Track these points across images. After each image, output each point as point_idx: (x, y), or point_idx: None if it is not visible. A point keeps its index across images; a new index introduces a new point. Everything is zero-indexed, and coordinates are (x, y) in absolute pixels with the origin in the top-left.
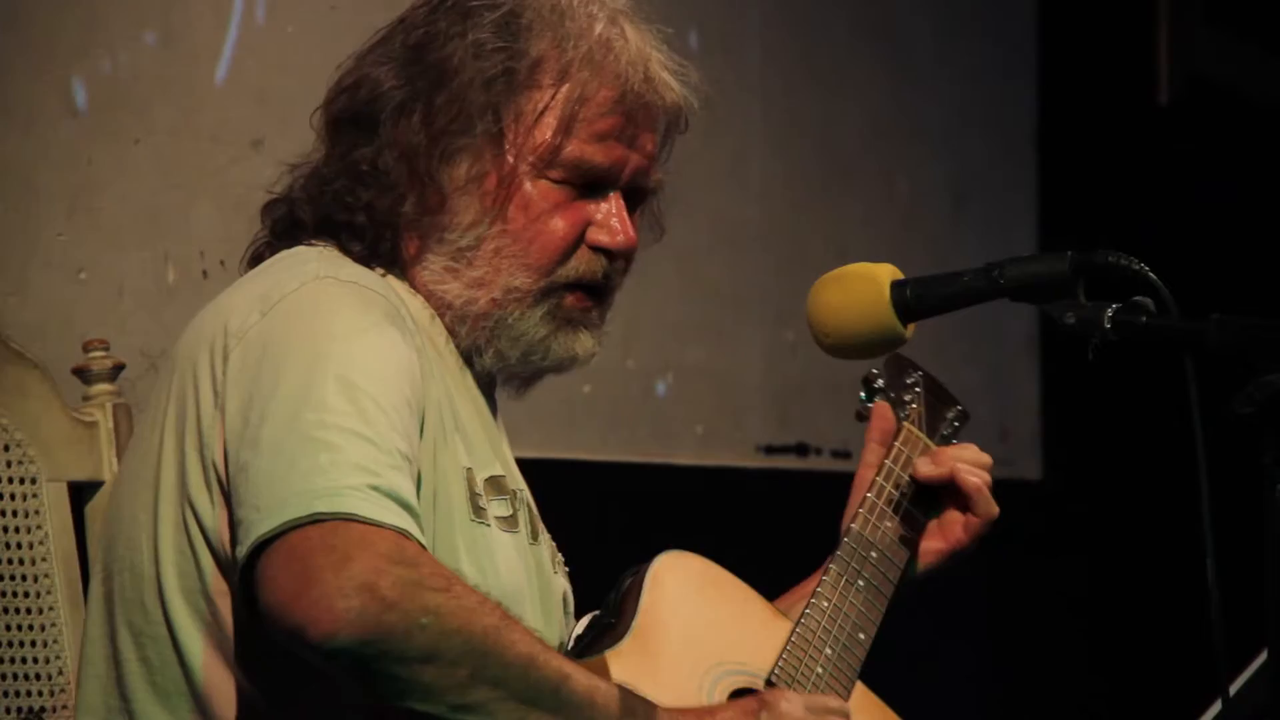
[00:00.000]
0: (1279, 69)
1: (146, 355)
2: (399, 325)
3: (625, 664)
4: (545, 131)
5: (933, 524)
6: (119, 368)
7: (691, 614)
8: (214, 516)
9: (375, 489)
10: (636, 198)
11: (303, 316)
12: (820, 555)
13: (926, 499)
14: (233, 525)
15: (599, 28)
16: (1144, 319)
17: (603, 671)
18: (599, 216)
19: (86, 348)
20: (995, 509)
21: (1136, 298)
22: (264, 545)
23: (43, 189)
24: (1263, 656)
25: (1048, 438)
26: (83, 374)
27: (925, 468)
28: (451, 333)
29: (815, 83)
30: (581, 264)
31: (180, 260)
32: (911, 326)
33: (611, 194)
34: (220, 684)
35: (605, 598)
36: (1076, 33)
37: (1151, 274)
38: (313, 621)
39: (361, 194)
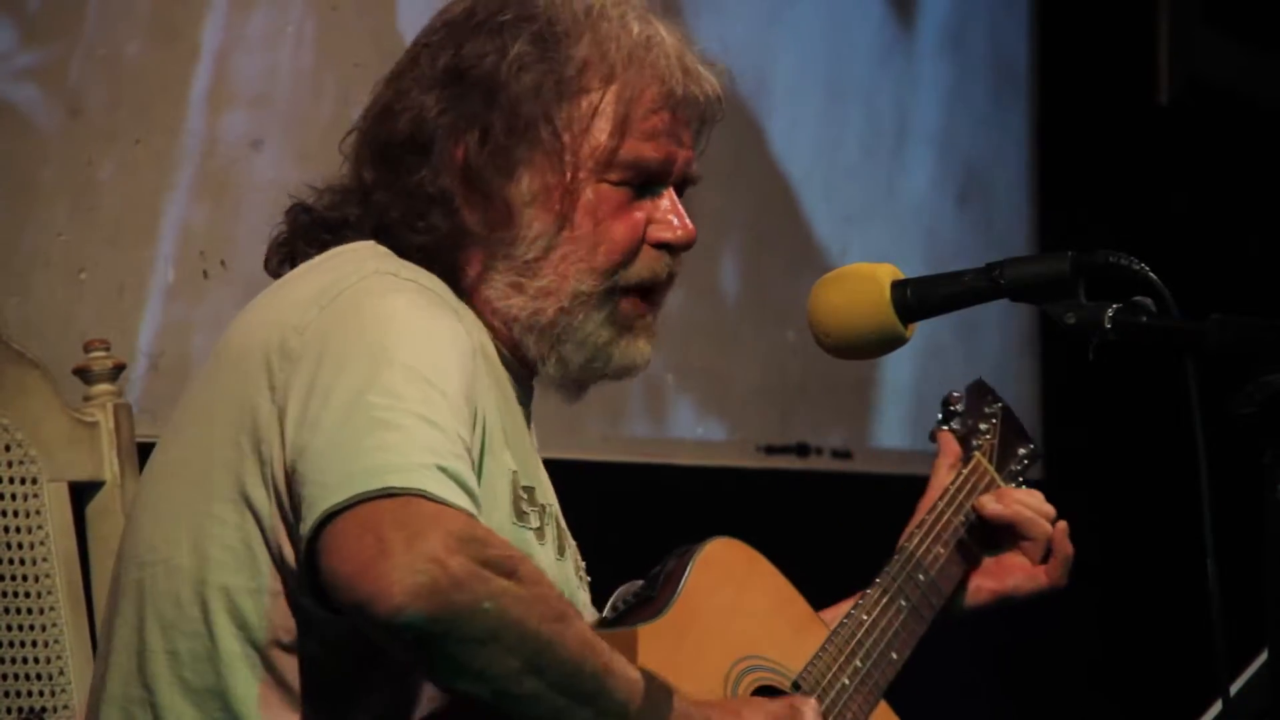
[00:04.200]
0: (1279, 69)
1: (148, 355)
2: (455, 322)
3: (657, 642)
4: (600, 134)
5: (990, 562)
6: (120, 368)
7: (730, 603)
8: (271, 514)
9: (442, 470)
10: (680, 190)
11: (364, 309)
12: (820, 557)
13: (985, 534)
14: (293, 508)
15: (635, 26)
16: (1144, 319)
17: (635, 645)
18: (657, 214)
19: (87, 348)
20: (1066, 580)
21: (1137, 298)
22: (331, 518)
23: (43, 189)
24: (1263, 656)
25: (1048, 438)
26: (83, 374)
27: (991, 505)
28: (516, 344)
29: (815, 82)
30: (645, 266)
31: (180, 260)
32: (912, 327)
33: (664, 190)
34: (263, 688)
35: (650, 570)
36: (1076, 33)
37: (1151, 274)
38: (382, 593)
39: (430, 218)
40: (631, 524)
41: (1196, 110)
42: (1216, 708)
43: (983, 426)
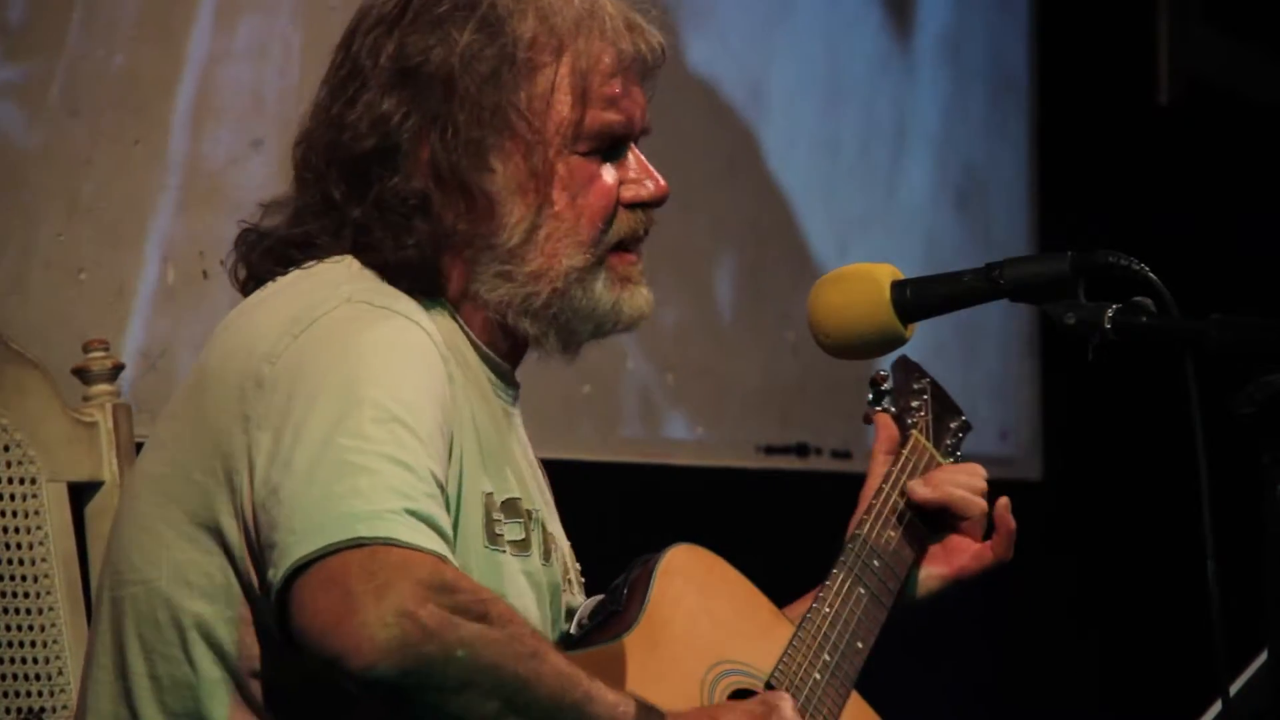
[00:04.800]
0: (1279, 69)
1: (146, 355)
2: (431, 350)
3: (630, 656)
4: (562, 109)
5: (935, 548)
6: (119, 368)
7: (697, 610)
8: (241, 544)
9: (412, 513)
10: (637, 142)
11: (337, 340)
12: (820, 556)
13: (932, 513)
14: (261, 548)
15: None
16: (1144, 319)
17: (609, 664)
18: (628, 175)
19: (86, 348)
20: (1011, 553)
21: (1136, 298)
22: (300, 570)
23: (43, 189)
24: (1263, 656)
25: (1048, 438)
26: (83, 374)
27: (920, 491)
28: (506, 337)
29: (815, 82)
30: (624, 226)
31: (180, 260)
32: (912, 327)
33: (628, 150)
34: (236, 713)
35: (612, 583)
36: (1076, 33)
37: (1151, 274)
38: (353, 650)
39: (413, 227)
40: (631, 525)
41: (1196, 110)
42: (1216, 708)
43: (914, 404)
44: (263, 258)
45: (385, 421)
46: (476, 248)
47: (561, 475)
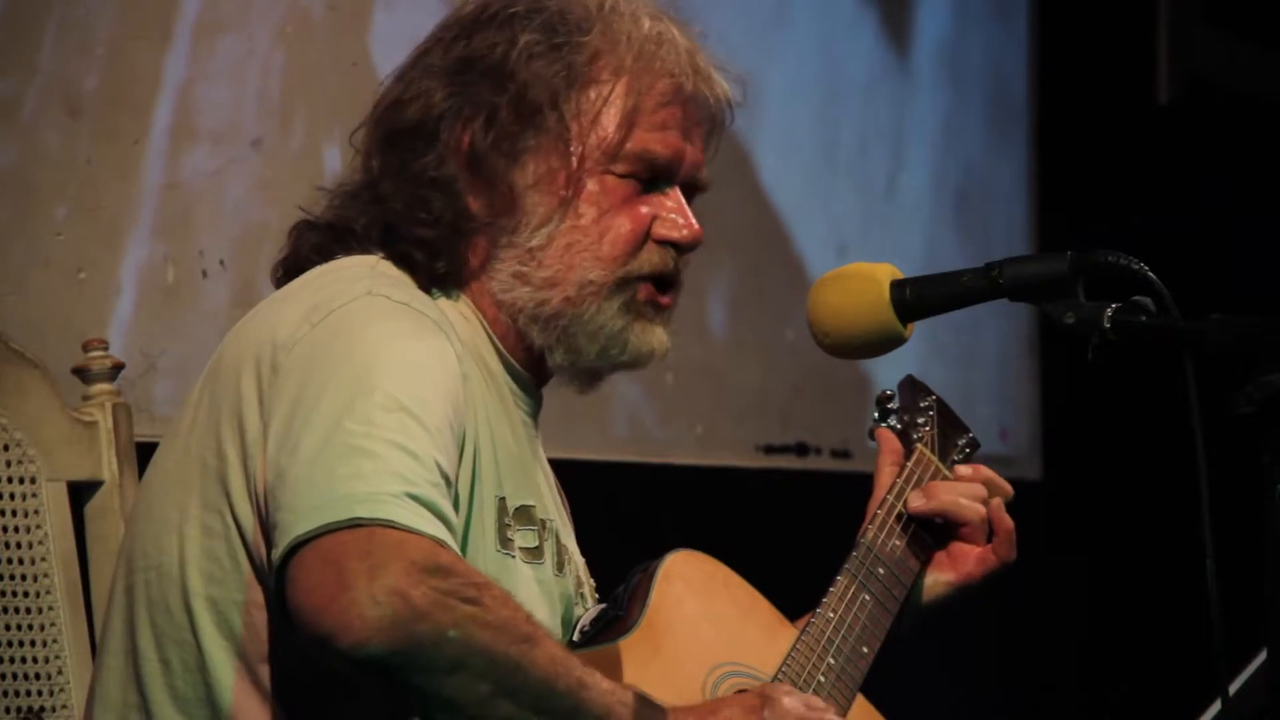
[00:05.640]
0: (1278, 68)
1: (146, 355)
2: (446, 348)
3: (631, 658)
4: (608, 125)
5: (940, 555)
6: (118, 367)
7: (698, 613)
8: (254, 527)
9: (413, 497)
10: (689, 194)
11: (352, 332)
12: (820, 555)
13: (934, 523)
14: (270, 530)
15: (647, 23)
16: (1143, 319)
17: (609, 664)
18: (663, 211)
19: (86, 348)
20: (1014, 554)
21: (1136, 297)
22: (298, 547)
23: (43, 189)
24: (1262, 656)
25: (1048, 438)
26: (82, 374)
27: (917, 502)
28: (524, 346)
29: (815, 82)
30: (653, 257)
31: (180, 260)
32: (911, 326)
33: (672, 189)
34: (243, 697)
35: (613, 591)
36: (1076, 32)
37: (1151, 274)
38: (344, 628)
39: (432, 204)
40: (631, 524)
41: (1196, 110)
42: (1216, 707)
43: (920, 420)
44: (311, 249)
45: (394, 410)
46: (496, 241)
47: (561, 474)
